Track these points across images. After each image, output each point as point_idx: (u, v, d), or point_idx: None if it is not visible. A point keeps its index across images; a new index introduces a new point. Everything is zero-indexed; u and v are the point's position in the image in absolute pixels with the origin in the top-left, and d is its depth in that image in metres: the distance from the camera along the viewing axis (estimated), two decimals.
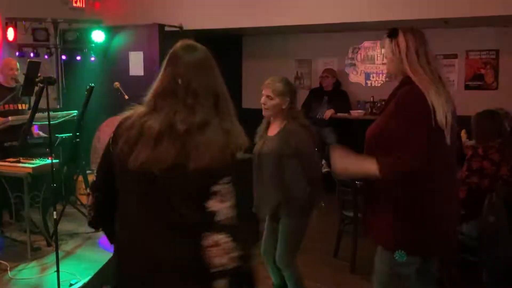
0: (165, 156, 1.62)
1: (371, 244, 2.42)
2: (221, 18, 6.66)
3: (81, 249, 4.72)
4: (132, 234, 1.73)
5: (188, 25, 6.81)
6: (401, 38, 2.24)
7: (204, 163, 1.60)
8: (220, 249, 1.60)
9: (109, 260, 3.32)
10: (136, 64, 6.51)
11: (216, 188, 1.62)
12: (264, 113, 3.15)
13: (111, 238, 1.90)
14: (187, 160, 1.60)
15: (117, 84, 5.39)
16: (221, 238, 1.60)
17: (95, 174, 1.90)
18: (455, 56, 6.77)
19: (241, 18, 6.61)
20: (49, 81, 3.52)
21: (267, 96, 3.10)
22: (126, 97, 5.18)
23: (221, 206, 1.62)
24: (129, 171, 1.67)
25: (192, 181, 1.62)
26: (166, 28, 6.57)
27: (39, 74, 4.27)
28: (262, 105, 3.12)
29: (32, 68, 4.31)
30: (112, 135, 1.78)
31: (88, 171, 5.61)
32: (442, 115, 2.12)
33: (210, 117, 1.67)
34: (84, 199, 5.57)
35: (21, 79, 5.01)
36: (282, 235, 3.15)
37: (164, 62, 1.77)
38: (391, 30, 2.30)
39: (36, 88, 4.38)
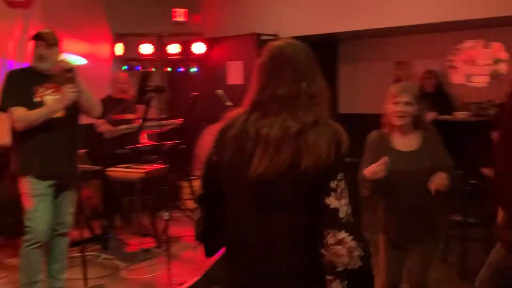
0: (283, 160, 1.60)
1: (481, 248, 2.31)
2: (317, 24, 6.68)
3: (187, 251, 4.91)
4: (245, 240, 1.71)
5: (284, 33, 6.89)
6: None
7: (315, 160, 1.58)
8: (344, 248, 1.56)
9: (216, 262, 3.42)
10: (234, 73, 6.69)
11: (332, 184, 1.59)
12: (400, 122, 2.80)
13: (210, 252, 1.89)
14: (299, 159, 1.59)
15: (220, 91, 5.54)
16: (345, 236, 1.56)
17: (200, 187, 1.87)
18: None
19: (337, 22, 6.59)
20: (159, 90, 3.71)
21: (407, 103, 2.79)
22: (228, 103, 5.33)
23: (340, 203, 1.59)
24: (244, 180, 1.66)
25: (306, 179, 1.60)
26: (263, 37, 6.70)
27: (149, 84, 4.52)
28: (399, 113, 2.78)
29: (144, 78, 4.57)
30: (214, 144, 1.77)
31: (192, 177, 5.82)
32: None
33: (321, 116, 1.66)
34: (188, 204, 5.79)
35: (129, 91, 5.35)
36: (425, 260, 2.89)
37: (268, 64, 1.72)
38: None
39: (146, 97, 4.63)
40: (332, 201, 1.59)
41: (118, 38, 6.62)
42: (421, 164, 2.73)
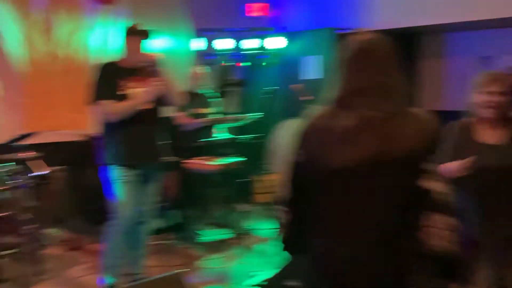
0: (366, 148, 1.58)
1: None
2: (397, 17, 6.51)
3: (260, 244, 4.96)
4: (337, 238, 1.68)
5: (363, 27, 6.77)
6: None
7: (403, 146, 1.56)
8: (438, 230, 1.53)
9: (295, 258, 3.42)
10: (312, 68, 6.65)
11: (425, 167, 1.56)
12: (491, 113, 2.61)
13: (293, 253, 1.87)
14: (389, 146, 1.57)
15: (297, 86, 5.51)
16: (440, 218, 1.54)
17: (288, 190, 1.80)
18: None
19: (418, 16, 6.39)
20: (240, 83, 3.75)
21: (499, 93, 2.57)
22: (304, 98, 5.29)
23: (434, 185, 1.56)
24: (329, 174, 1.65)
25: (398, 165, 1.57)
26: (341, 31, 6.61)
27: (229, 78, 4.57)
28: (491, 103, 2.59)
29: (224, 72, 4.63)
30: (299, 145, 1.74)
31: (264, 172, 5.87)
32: None
33: (404, 107, 1.66)
34: (260, 198, 5.84)
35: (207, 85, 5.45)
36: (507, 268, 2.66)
37: (351, 59, 1.71)
38: None
39: (225, 91, 4.69)
40: (425, 183, 1.56)
41: (197, 32, 6.74)
42: (509, 160, 2.56)
